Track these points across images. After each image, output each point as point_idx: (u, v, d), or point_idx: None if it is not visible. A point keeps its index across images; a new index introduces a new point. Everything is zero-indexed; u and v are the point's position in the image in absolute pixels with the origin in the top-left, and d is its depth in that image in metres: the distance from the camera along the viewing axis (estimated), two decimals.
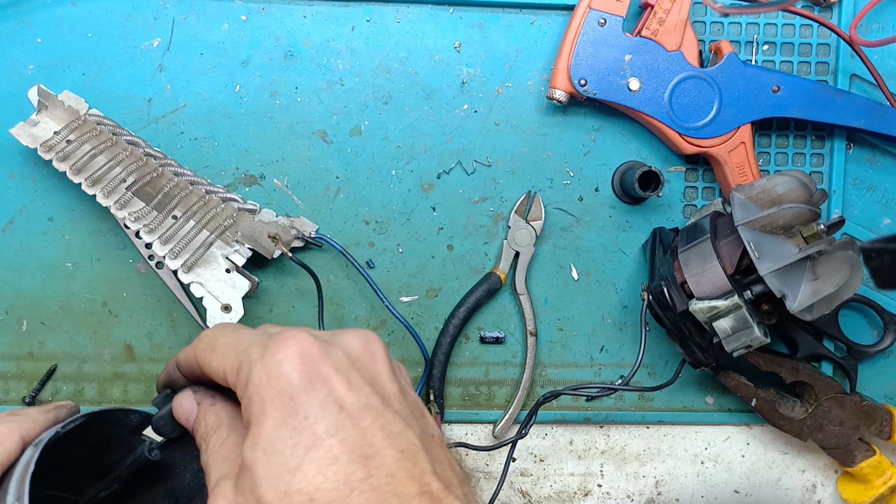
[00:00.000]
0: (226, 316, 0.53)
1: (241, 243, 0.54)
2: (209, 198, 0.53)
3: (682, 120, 0.55)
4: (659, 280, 0.52)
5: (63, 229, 0.56)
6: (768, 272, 0.47)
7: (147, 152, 0.53)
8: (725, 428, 0.61)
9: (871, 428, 0.57)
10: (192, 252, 0.52)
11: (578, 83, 0.54)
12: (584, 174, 0.58)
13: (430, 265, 0.58)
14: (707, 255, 0.50)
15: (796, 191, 0.49)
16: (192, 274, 0.52)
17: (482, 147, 0.58)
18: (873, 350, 0.58)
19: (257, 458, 0.30)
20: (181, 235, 0.52)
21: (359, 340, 0.34)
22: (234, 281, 0.53)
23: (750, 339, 0.49)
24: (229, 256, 0.53)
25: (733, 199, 0.50)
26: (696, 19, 0.58)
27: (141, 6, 0.55)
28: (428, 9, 0.57)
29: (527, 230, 0.57)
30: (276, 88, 0.56)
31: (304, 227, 0.56)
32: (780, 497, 0.61)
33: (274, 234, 0.54)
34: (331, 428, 0.30)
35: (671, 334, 0.54)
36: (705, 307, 0.49)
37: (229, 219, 0.53)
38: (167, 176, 0.53)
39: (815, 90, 0.56)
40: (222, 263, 0.53)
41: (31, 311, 0.56)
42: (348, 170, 0.57)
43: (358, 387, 0.32)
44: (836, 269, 0.48)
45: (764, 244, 0.48)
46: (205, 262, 0.53)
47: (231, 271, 0.53)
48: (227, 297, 0.53)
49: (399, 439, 0.31)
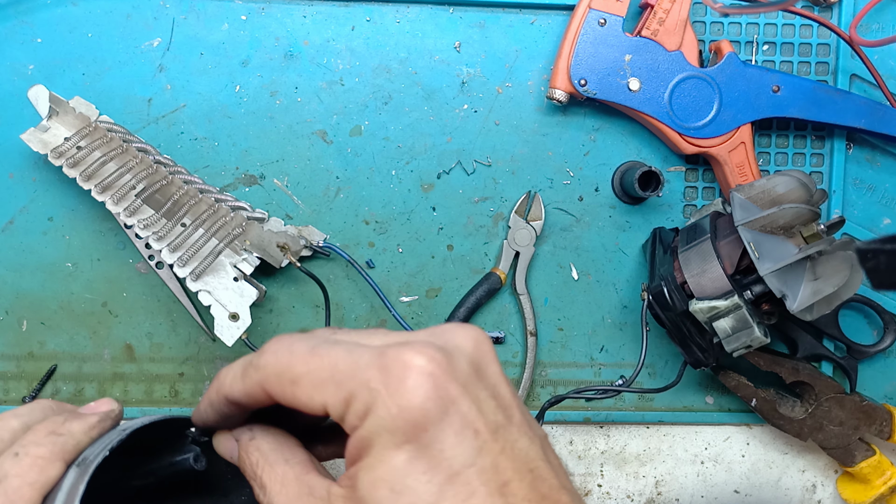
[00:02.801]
0: (233, 325, 0.52)
1: (249, 252, 0.54)
2: (218, 206, 0.53)
3: (682, 120, 0.55)
4: (659, 280, 0.52)
5: (63, 229, 0.56)
6: (768, 272, 0.47)
7: (157, 160, 0.53)
8: (725, 428, 0.61)
9: (871, 428, 0.57)
10: (201, 260, 0.52)
11: (578, 83, 0.54)
12: (584, 174, 0.58)
13: (430, 265, 0.58)
14: (707, 255, 0.50)
15: (796, 191, 0.49)
16: (200, 282, 0.52)
17: (482, 147, 0.58)
18: (873, 350, 0.58)
19: (383, 497, 0.27)
20: (190, 244, 0.52)
21: (470, 341, 0.31)
22: (241, 289, 0.53)
23: (750, 340, 0.49)
24: (237, 265, 0.53)
25: (733, 200, 0.50)
26: (696, 19, 0.58)
27: (141, 6, 0.55)
28: (428, 9, 0.57)
29: (527, 230, 0.57)
30: (276, 88, 0.56)
31: (312, 237, 0.56)
32: (780, 497, 0.61)
33: (283, 243, 0.54)
34: (467, 459, 0.28)
35: (671, 334, 0.54)
36: (705, 307, 0.49)
37: (238, 227, 0.53)
38: (177, 184, 0.53)
39: (815, 90, 0.56)
40: (230, 272, 0.53)
41: (31, 311, 0.56)
42: (348, 170, 0.57)
43: (486, 405, 0.29)
44: (837, 269, 0.48)
45: (764, 244, 0.48)
46: (213, 271, 0.53)
47: (239, 280, 0.53)
48: (235, 306, 0.52)
49: (527, 457, 0.29)
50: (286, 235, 0.54)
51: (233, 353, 0.57)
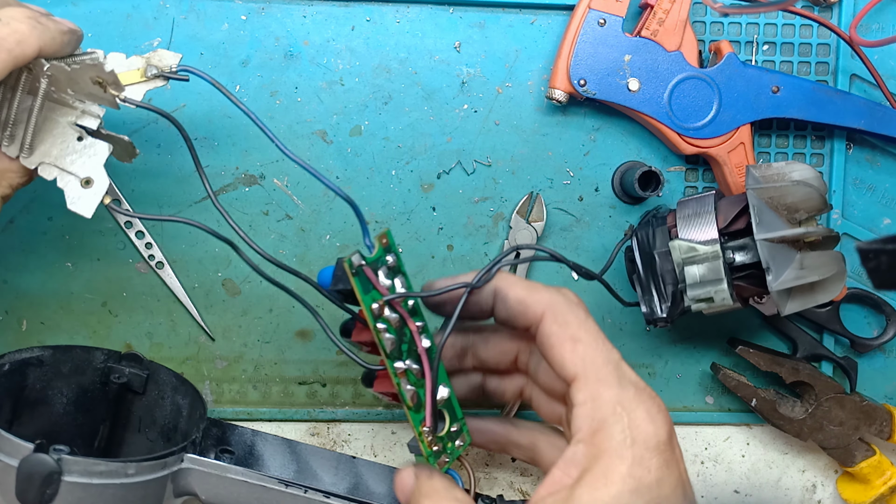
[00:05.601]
0: (88, 191, 0.43)
1: (82, 102, 0.44)
2: (36, 63, 0.41)
3: (681, 120, 0.55)
4: (650, 219, 0.51)
5: (63, 229, 0.56)
6: (763, 238, 0.47)
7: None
8: (725, 428, 0.61)
9: (871, 428, 0.57)
10: (23, 126, 0.42)
11: (578, 83, 0.55)
12: (584, 174, 0.58)
13: (430, 265, 0.58)
14: (705, 205, 0.50)
15: (811, 181, 0.49)
16: (37, 155, 0.43)
17: (482, 147, 0.58)
18: (876, 343, 0.58)
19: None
20: (8, 114, 0.42)
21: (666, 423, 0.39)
22: (91, 148, 0.44)
23: (715, 292, 0.49)
24: (78, 122, 0.44)
25: (748, 172, 0.49)
26: (695, 19, 0.58)
27: (141, 6, 0.55)
28: (428, 9, 0.57)
29: (528, 231, 0.57)
30: (276, 88, 0.56)
31: (162, 62, 0.45)
32: (780, 497, 0.61)
33: (96, 76, 0.42)
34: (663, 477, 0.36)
35: (634, 281, 0.54)
36: (685, 246, 0.49)
37: (43, 77, 0.41)
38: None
39: (815, 90, 0.56)
40: (72, 133, 0.43)
41: (30, 311, 0.56)
42: (348, 170, 0.57)
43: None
44: (824, 263, 0.48)
45: (765, 215, 0.48)
46: (50, 137, 0.43)
47: (84, 138, 0.44)
48: (88, 170, 0.43)
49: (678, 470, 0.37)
50: (98, 65, 0.42)
51: (232, 353, 0.57)
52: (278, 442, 0.51)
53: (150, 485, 0.43)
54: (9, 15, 0.37)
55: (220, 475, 0.46)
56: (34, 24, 0.37)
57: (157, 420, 0.52)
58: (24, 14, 0.37)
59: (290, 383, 0.58)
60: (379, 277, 0.42)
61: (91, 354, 0.51)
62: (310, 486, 0.47)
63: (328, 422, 0.59)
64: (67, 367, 0.50)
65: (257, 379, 0.58)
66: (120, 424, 0.52)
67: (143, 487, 0.43)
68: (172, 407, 0.52)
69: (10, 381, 0.47)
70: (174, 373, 0.52)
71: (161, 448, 0.51)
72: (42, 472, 0.39)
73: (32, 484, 0.39)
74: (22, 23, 0.36)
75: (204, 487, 0.46)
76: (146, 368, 0.52)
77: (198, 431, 0.48)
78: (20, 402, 0.48)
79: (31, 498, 0.39)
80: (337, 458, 0.51)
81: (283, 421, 0.58)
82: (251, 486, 0.46)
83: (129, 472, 0.42)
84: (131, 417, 0.52)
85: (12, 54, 0.36)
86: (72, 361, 0.50)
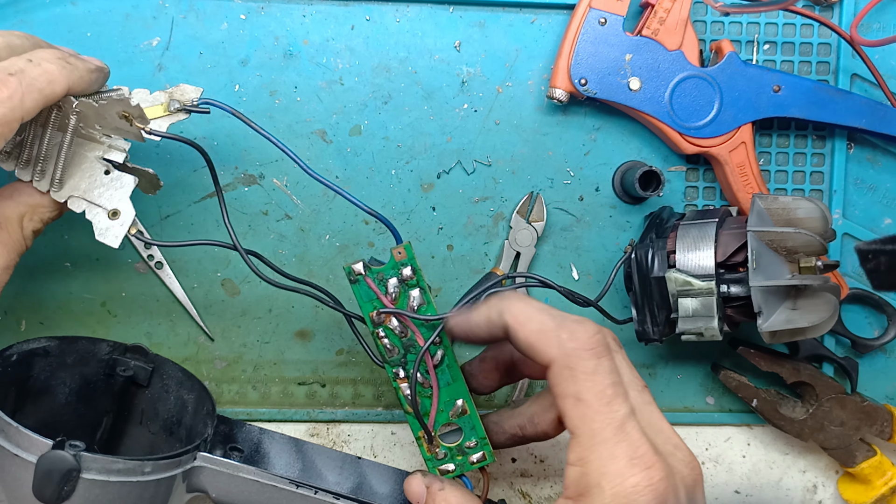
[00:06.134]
0: (114, 222, 0.45)
1: (109, 136, 0.46)
2: (68, 102, 0.43)
3: (682, 120, 0.55)
4: (649, 242, 0.51)
5: (62, 229, 0.56)
6: (757, 285, 0.47)
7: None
8: (726, 428, 0.61)
9: (871, 428, 0.57)
10: (53, 161, 0.44)
11: (579, 82, 0.54)
12: (584, 174, 0.58)
13: (430, 265, 0.58)
14: (706, 235, 0.50)
15: (815, 221, 0.49)
16: (66, 188, 0.45)
17: (482, 147, 0.58)
18: (877, 343, 0.58)
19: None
20: (42, 151, 0.44)
21: (689, 468, 0.42)
22: (118, 181, 0.46)
23: (705, 328, 0.49)
24: (105, 157, 0.46)
25: (753, 204, 0.49)
26: (696, 18, 0.58)
27: (140, 5, 0.55)
28: (428, 8, 0.57)
29: (528, 231, 0.57)
30: (276, 88, 0.56)
31: (184, 96, 0.47)
32: (780, 497, 0.61)
33: (122, 111, 0.44)
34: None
35: (629, 294, 0.54)
36: (681, 279, 0.49)
37: (72, 113, 0.43)
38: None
39: (816, 90, 0.55)
40: (99, 167, 0.46)
41: (29, 311, 0.56)
42: (348, 169, 0.57)
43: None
44: (816, 307, 0.48)
45: (764, 258, 0.48)
46: (78, 171, 0.45)
47: (111, 172, 0.46)
48: (115, 202, 0.46)
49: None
50: (124, 101, 0.43)
51: (231, 354, 0.57)
52: (285, 440, 0.51)
53: (164, 482, 0.43)
54: (39, 56, 0.39)
55: (232, 474, 0.46)
56: (63, 65, 0.39)
57: (160, 413, 0.52)
58: (54, 55, 0.40)
59: (289, 384, 0.58)
60: (389, 287, 0.45)
61: (96, 346, 0.51)
62: (318, 486, 0.47)
63: (328, 422, 0.58)
64: (72, 358, 0.50)
65: (257, 379, 0.58)
66: (122, 416, 0.52)
67: (158, 485, 0.43)
68: (177, 401, 0.52)
69: (15, 371, 0.48)
70: (180, 367, 0.52)
71: (163, 442, 0.51)
72: (61, 469, 0.39)
73: (51, 480, 0.39)
74: (52, 63, 0.39)
75: (215, 486, 0.46)
76: (151, 361, 0.52)
77: (208, 428, 0.48)
78: (24, 391, 0.48)
79: (49, 494, 0.39)
80: (342, 458, 0.51)
81: (283, 421, 0.58)
82: (262, 485, 0.46)
83: (145, 470, 0.42)
84: (134, 410, 0.52)
85: (43, 93, 0.38)
86: (77, 352, 0.51)
